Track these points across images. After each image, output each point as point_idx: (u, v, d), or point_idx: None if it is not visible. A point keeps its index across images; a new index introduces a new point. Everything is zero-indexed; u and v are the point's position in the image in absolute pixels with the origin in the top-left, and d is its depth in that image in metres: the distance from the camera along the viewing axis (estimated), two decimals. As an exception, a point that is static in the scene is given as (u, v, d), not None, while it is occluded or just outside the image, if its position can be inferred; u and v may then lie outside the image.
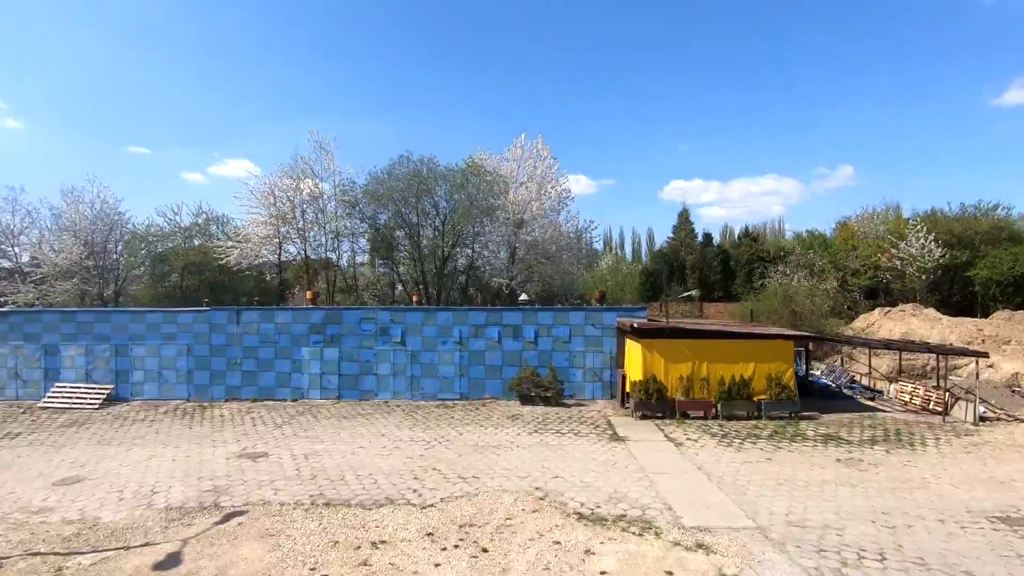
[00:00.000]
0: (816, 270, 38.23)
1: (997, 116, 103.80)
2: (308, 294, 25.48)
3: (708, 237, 54.22)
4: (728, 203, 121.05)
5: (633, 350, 17.60)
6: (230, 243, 32.49)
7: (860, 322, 31.47)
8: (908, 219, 42.22)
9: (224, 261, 32.16)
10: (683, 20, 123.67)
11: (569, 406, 18.46)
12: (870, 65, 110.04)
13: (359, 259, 38.29)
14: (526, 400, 18.67)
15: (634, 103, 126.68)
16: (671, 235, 51.80)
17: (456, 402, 19.37)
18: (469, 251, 34.07)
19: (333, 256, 35.12)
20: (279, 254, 33.51)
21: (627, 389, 17.77)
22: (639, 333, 17.12)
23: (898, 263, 37.58)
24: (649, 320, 20.41)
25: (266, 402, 19.43)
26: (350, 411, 17.92)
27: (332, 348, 20.04)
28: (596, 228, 49.40)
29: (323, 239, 33.61)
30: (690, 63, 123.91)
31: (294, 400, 19.70)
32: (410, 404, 19.08)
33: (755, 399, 16.50)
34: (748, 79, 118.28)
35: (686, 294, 33.44)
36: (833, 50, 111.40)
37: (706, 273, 46.93)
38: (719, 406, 16.40)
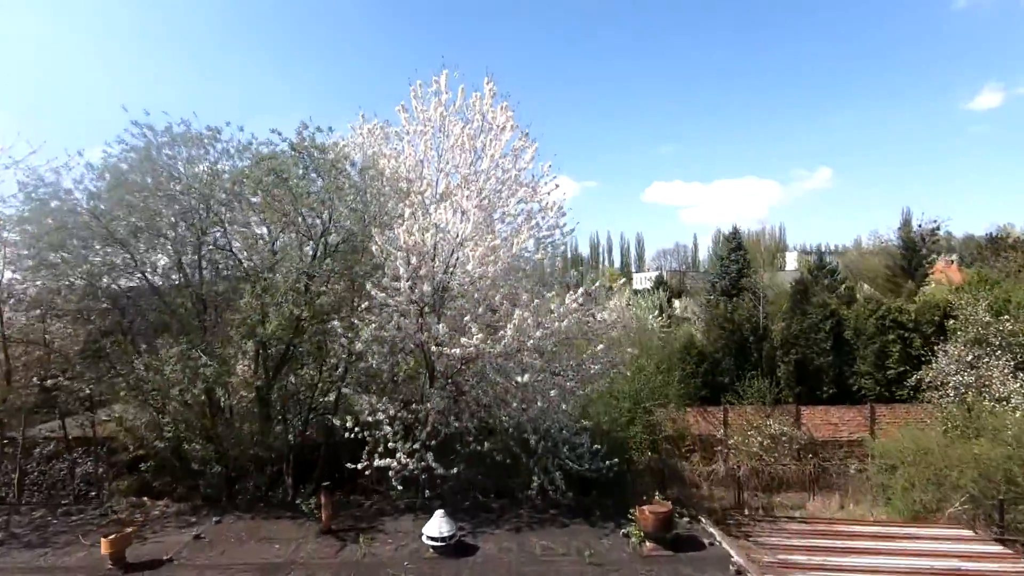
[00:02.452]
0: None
1: (970, 120, 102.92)
2: None
3: (804, 290, 25.70)
4: (708, 204, 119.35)
5: None
6: None
7: None
8: None
9: None
10: (663, 23, 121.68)
11: None
12: (847, 70, 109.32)
13: None
14: None
15: (615, 105, 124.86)
16: (721, 279, 39.25)
17: None
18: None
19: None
20: None
21: None
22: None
23: None
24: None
25: None
26: None
27: None
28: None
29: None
30: (671, 66, 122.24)
31: None
32: None
33: None
34: (728, 82, 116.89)
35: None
36: (811, 55, 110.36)
37: (801, 349, 22.04)
38: None
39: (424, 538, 8.70)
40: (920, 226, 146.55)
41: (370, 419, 10.38)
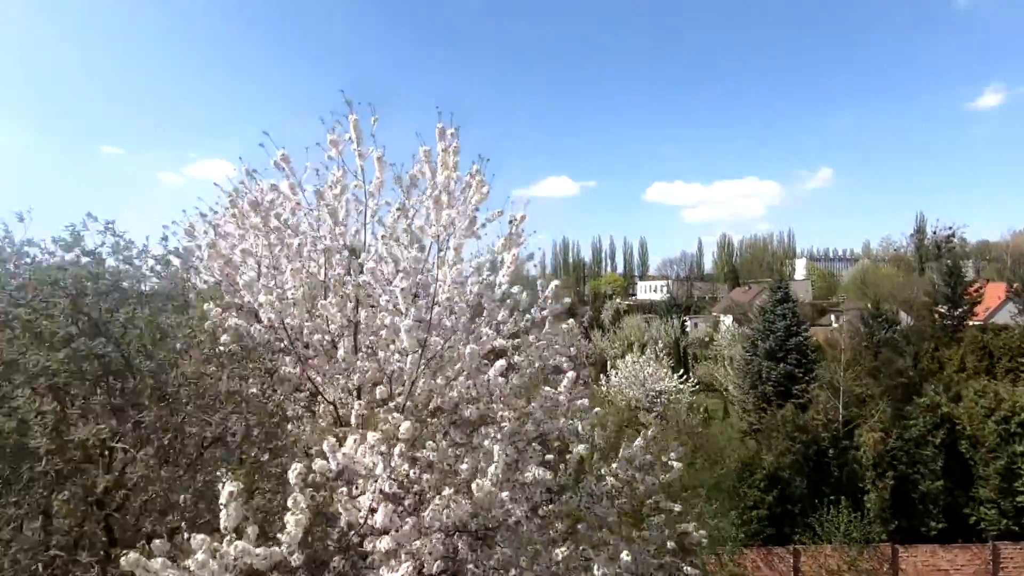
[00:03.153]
0: None
1: (973, 119, 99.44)
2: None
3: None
4: (708, 204, 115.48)
5: None
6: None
7: None
8: None
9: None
10: (664, 24, 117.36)
11: None
12: (848, 69, 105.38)
13: None
14: None
15: (614, 104, 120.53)
16: (764, 338, 28.37)
17: None
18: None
19: None
20: None
21: None
22: None
23: None
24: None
25: None
26: None
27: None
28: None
29: None
30: (671, 65, 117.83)
31: None
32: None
33: None
34: (729, 82, 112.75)
35: None
36: (813, 54, 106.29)
37: (901, 468, 16.48)
38: None
39: None
40: (935, 232, 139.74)
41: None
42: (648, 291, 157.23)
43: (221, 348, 4.84)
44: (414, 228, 5.54)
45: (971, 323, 39.26)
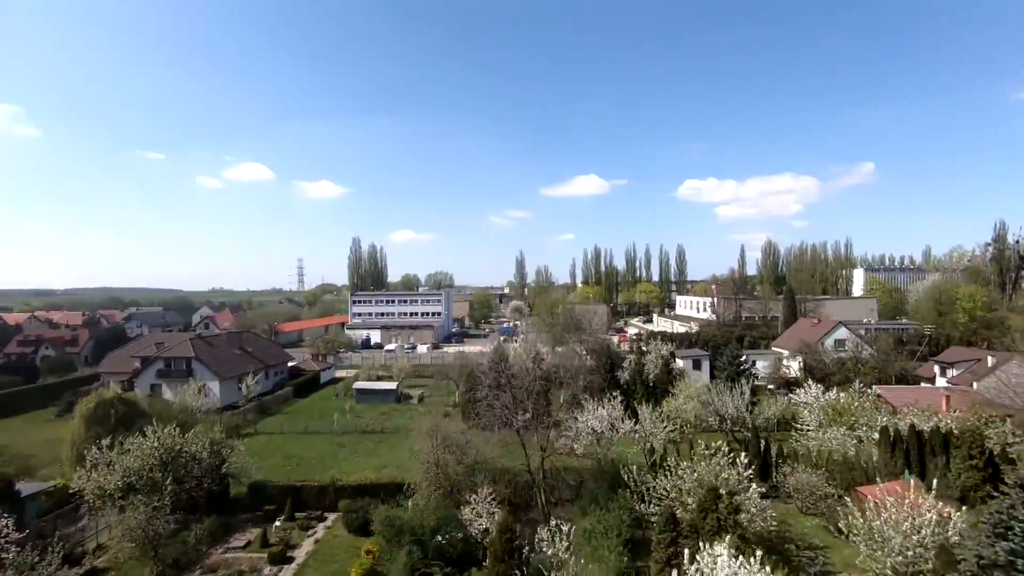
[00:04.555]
0: None
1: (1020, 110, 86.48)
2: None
3: None
4: (743, 202, 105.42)
5: None
6: None
7: None
8: None
9: None
10: (697, 19, 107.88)
11: None
12: (890, 61, 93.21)
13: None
14: None
15: (647, 101, 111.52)
16: None
17: None
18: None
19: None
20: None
21: None
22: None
23: None
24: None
25: None
26: None
27: None
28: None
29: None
30: (704, 62, 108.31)
31: None
32: None
33: None
34: (763, 77, 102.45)
35: None
36: (852, 48, 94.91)
37: None
38: None
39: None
40: (1018, 242, 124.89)
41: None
42: (688, 307, 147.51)
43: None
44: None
45: None
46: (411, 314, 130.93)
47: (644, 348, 60.83)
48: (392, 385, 60.80)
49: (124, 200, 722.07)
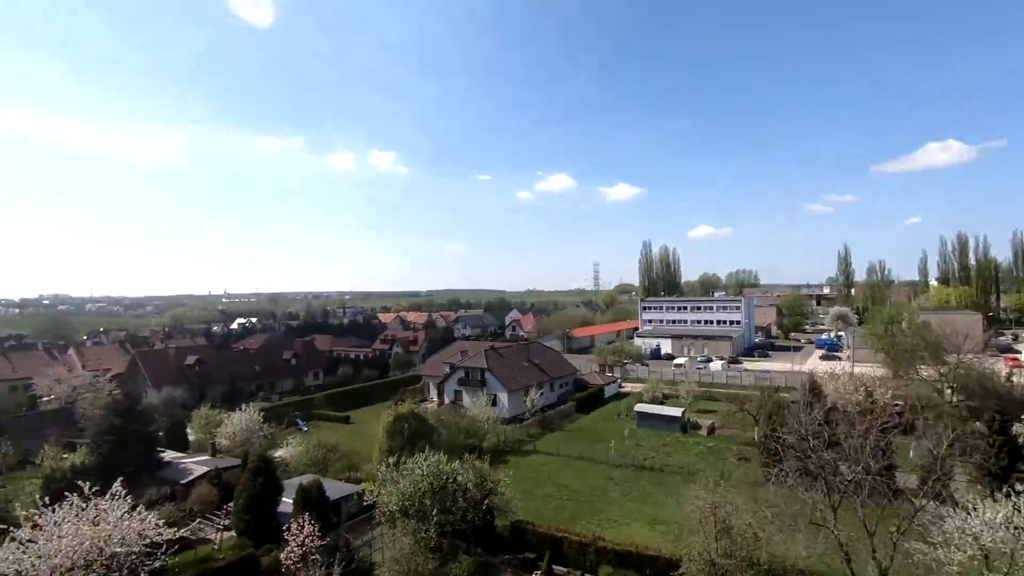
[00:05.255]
0: None
1: None
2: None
3: None
4: None
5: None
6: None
7: None
8: None
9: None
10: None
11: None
12: None
13: None
14: None
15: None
16: None
17: None
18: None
19: None
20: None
21: None
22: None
23: None
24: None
25: None
26: None
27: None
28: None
29: None
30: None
31: None
32: None
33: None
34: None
35: None
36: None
37: None
38: None
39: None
40: None
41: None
42: None
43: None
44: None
45: None
46: (705, 322, 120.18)
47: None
48: (677, 411, 54.23)
49: (464, 215, 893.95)
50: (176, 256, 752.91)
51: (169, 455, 40.65)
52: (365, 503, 32.14)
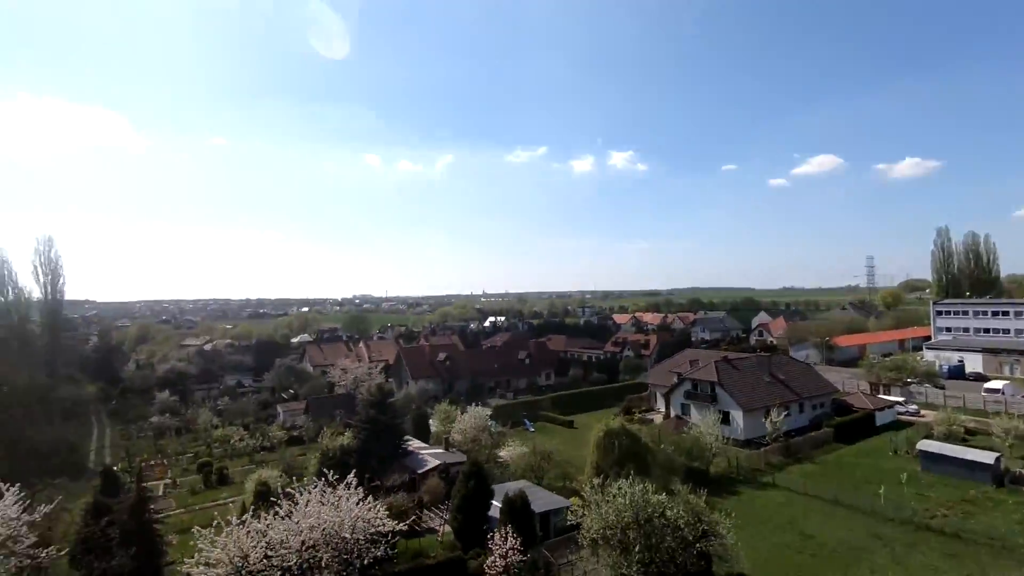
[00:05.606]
0: None
1: None
2: None
3: None
4: None
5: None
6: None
7: None
8: None
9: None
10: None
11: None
12: None
13: None
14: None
15: None
16: None
17: None
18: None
19: None
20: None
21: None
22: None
23: None
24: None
25: None
26: None
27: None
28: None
29: None
30: None
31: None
32: None
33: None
34: None
35: None
36: None
37: None
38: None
39: None
40: None
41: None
42: None
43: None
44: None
45: None
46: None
47: None
48: (989, 456, 40.59)
49: (706, 210, 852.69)
50: (441, 261, 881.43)
51: (414, 444, 46.05)
52: (569, 522, 31.18)
